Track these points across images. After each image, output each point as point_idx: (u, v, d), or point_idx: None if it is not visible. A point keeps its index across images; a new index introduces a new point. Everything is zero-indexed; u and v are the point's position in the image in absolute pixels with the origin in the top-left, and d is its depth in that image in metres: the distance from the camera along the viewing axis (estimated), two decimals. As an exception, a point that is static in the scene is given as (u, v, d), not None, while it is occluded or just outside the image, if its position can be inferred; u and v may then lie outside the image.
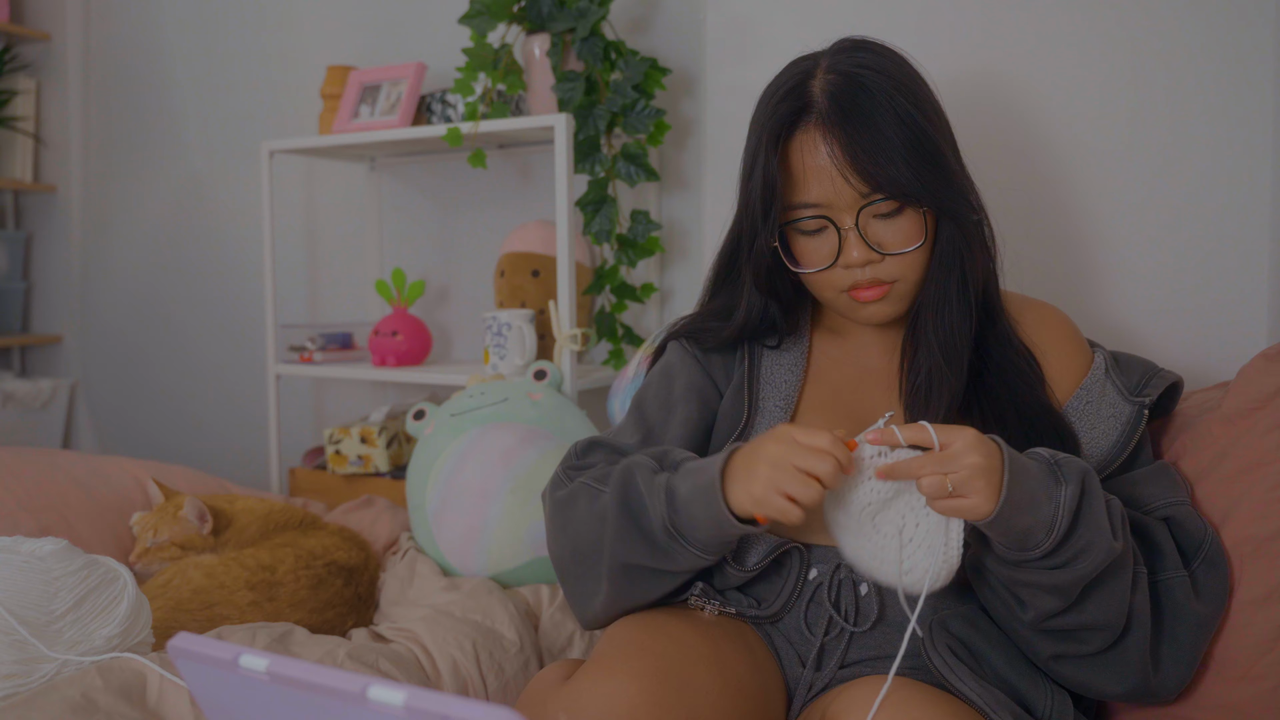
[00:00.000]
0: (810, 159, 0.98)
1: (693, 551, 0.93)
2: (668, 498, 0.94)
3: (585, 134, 1.82)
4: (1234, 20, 1.37)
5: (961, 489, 0.83)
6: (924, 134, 0.97)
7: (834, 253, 1.00)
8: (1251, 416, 1.05)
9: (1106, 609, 0.91)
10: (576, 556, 1.04)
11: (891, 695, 0.85)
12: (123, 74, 2.82)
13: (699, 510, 0.91)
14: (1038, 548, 0.86)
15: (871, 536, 0.90)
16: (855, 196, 0.97)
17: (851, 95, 0.96)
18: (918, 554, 0.88)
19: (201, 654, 0.56)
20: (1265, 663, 0.96)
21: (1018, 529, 0.86)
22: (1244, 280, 1.38)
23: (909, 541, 0.88)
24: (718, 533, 0.91)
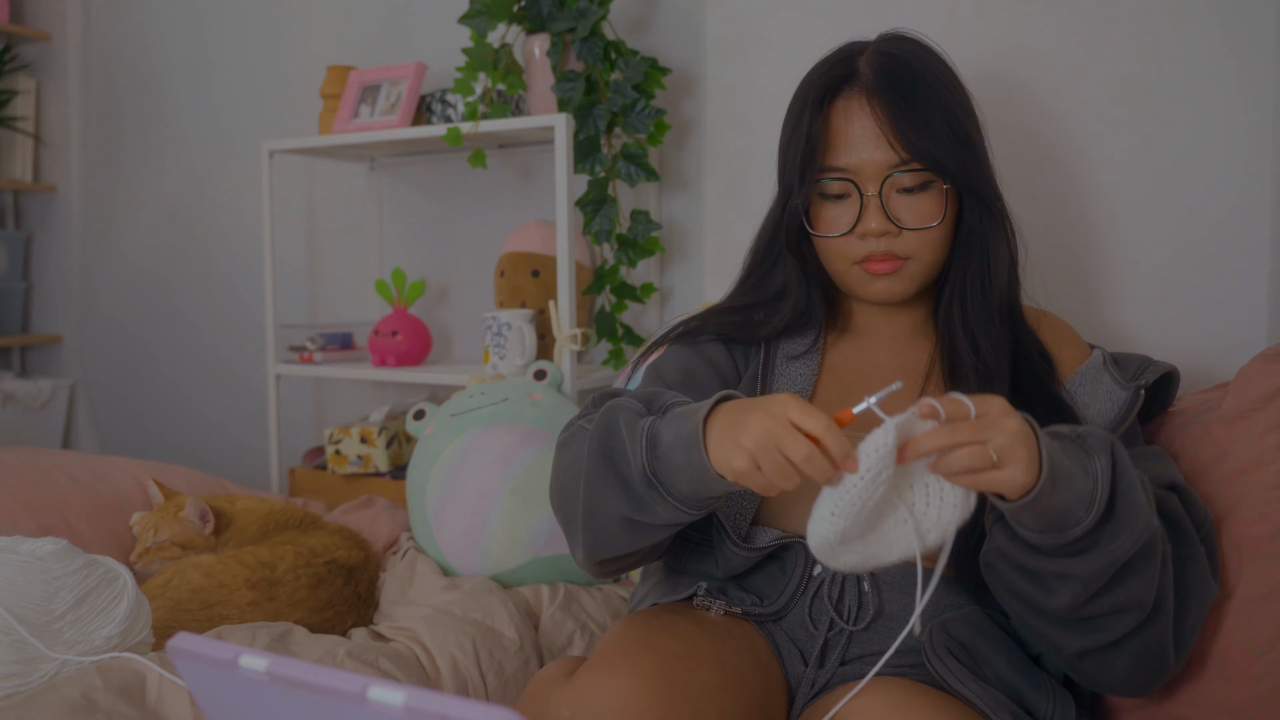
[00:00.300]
0: (850, 122, 1.02)
1: (671, 503, 0.88)
2: (649, 444, 0.88)
3: (585, 134, 1.82)
4: (1234, 22, 1.37)
5: (1005, 458, 0.77)
6: (960, 118, 1.02)
7: (853, 220, 1.02)
8: (1251, 417, 1.05)
9: (1138, 589, 0.86)
10: (561, 498, 1.01)
11: (893, 696, 0.85)
12: (123, 74, 2.82)
13: (679, 459, 0.86)
14: (1077, 525, 0.81)
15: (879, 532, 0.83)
16: (884, 165, 1.01)
17: (897, 71, 1.02)
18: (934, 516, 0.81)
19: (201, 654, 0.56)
20: (1265, 663, 0.96)
21: (1056, 507, 0.81)
22: (1244, 280, 1.38)
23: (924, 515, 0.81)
24: (698, 485, 0.86)
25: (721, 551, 1.04)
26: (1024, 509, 0.80)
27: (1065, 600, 0.86)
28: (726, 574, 1.05)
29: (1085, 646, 0.89)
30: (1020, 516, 0.82)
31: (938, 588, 1.00)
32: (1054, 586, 0.86)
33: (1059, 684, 0.96)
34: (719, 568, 1.05)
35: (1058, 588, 0.86)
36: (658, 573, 1.12)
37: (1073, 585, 0.85)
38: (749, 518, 1.04)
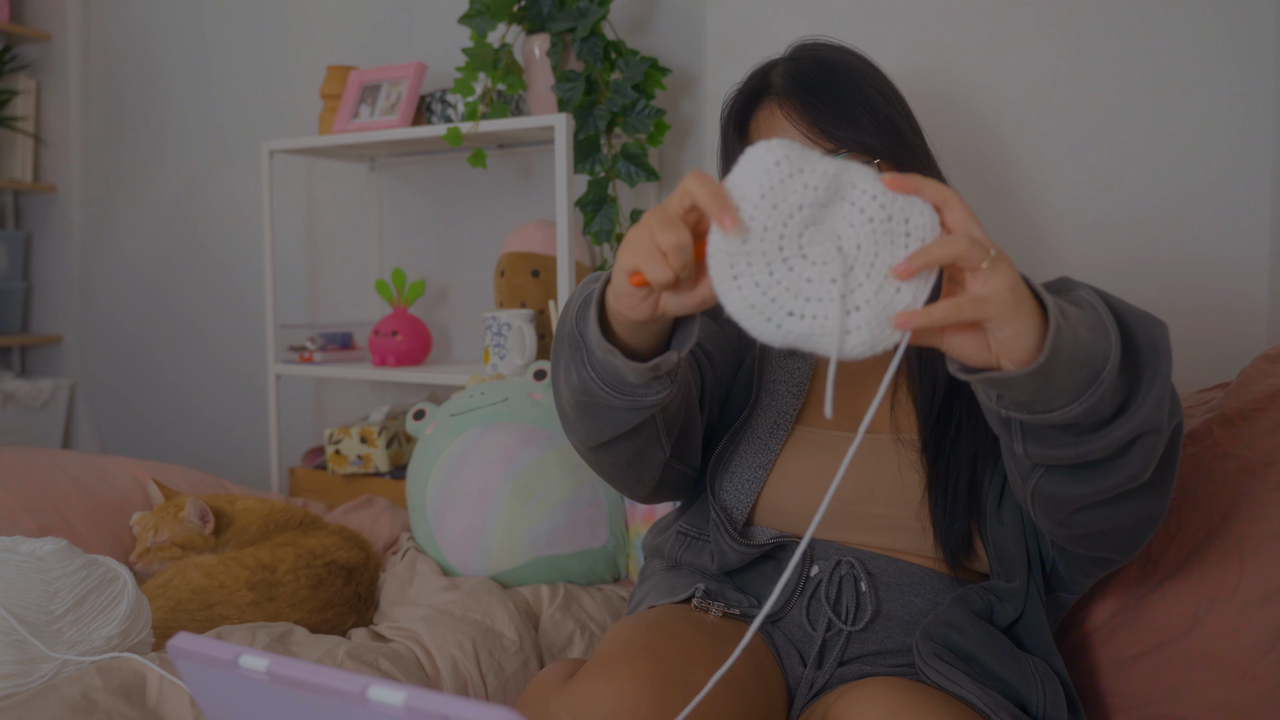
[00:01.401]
0: (771, 131, 1.04)
1: (590, 375, 0.82)
2: (582, 305, 0.82)
3: (585, 134, 1.82)
4: (1236, 19, 1.37)
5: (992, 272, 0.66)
6: (877, 103, 1.02)
7: None
8: (1253, 417, 1.05)
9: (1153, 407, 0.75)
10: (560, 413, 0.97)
11: (893, 696, 0.85)
12: (123, 74, 2.82)
13: (592, 334, 0.80)
14: (1106, 360, 0.70)
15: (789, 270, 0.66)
16: None
17: (806, 71, 1.03)
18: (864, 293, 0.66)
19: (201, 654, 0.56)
20: (1265, 663, 0.96)
21: (1079, 354, 0.69)
22: (1244, 281, 1.38)
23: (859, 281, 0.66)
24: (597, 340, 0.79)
25: (718, 545, 1.04)
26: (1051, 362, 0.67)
27: (1137, 466, 0.75)
28: (722, 569, 1.04)
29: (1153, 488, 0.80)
30: (1045, 386, 0.69)
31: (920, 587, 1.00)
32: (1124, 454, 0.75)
33: (1047, 669, 0.96)
34: (715, 562, 1.05)
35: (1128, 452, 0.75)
36: (656, 574, 1.12)
37: (1147, 441, 0.74)
38: (746, 510, 1.05)
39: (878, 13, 1.59)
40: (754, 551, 1.02)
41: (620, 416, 0.86)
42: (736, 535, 1.03)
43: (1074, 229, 1.48)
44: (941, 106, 1.55)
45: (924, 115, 1.11)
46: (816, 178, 0.66)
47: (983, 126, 1.53)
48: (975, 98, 1.53)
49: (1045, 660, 0.98)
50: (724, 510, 1.05)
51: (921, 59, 1.56)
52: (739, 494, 1.05)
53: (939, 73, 1.55)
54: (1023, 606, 0.98)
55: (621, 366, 0.79)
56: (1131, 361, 0.74)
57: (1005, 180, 1.52)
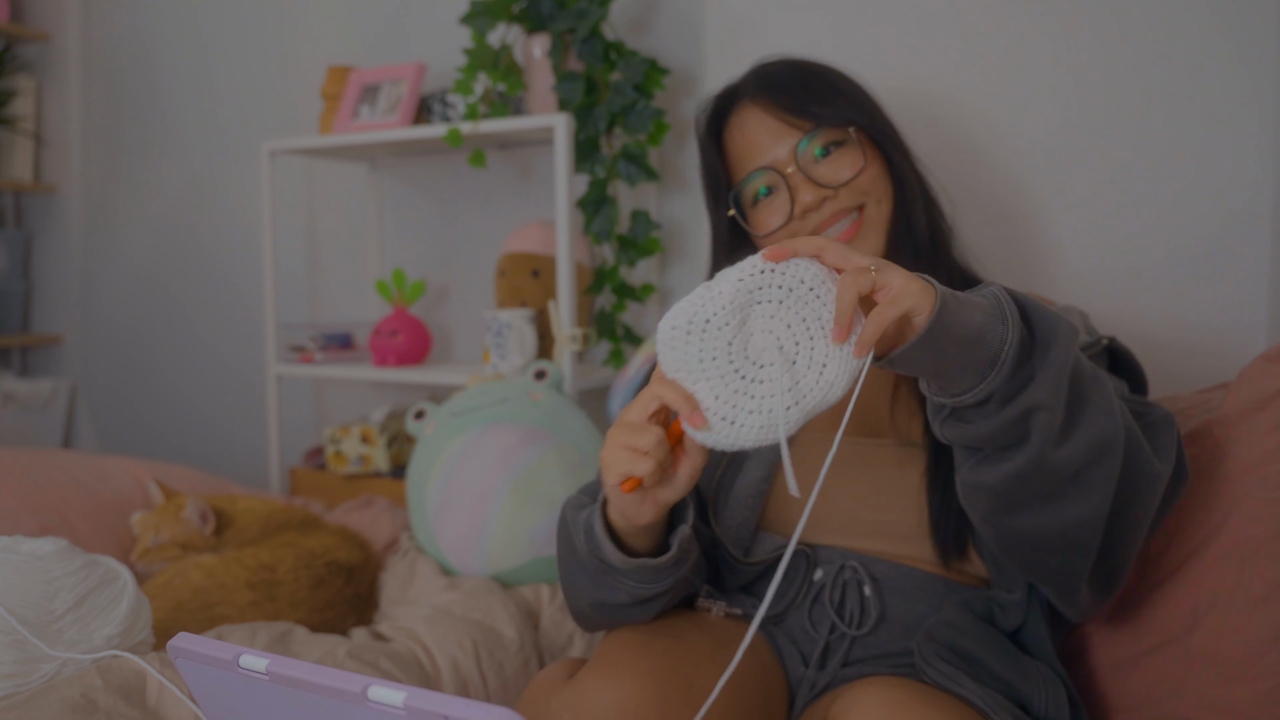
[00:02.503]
0: (745, 131, 1.08)
1: (625, 582, 0.90)
2: (586, 532, 0.91)
3: (585, 134, 1.82)
4: (1236, 18, 1.37)
5: (882, 273, 0.72)
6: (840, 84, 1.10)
7: (788, 207, 1.06)
8: (1252, 417, 1.05)
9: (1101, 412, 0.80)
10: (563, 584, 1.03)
11: (893, 695, 0.85)
12: (123, 74, 2.82)
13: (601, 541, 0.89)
14: (1003, 344, 0.75)
15: (757, 380, 0.75)
16: (791, 144, 1.05)
17: (770, 72, 1.09)
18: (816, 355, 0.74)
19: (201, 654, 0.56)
20: (1265, 663, 0.96)
21: (970, 327, 0.74)
22: (1244, 280, 1.38)
23: (801, 353, 0.74)
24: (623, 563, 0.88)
25: (727, 565, 1.05)
26: (935, 333, 0.72)
27: (1037, 445, 0.78)
28: (733, 587, 1.05)
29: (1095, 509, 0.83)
30: (941, 357, 0.75)
31: (924, 592, 1.00)
32: (1023, 432, 0.79)
33: (1048, 670, 0.96)
34: (726, 581, 1.06)
35: (1027, 429, 0.78)
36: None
37: (1038, 418, 0.77)
38: (751, 529, 1.05)
39: (877, 13, 1.59)
40: (760, 568, 1.03)
41: (663, 599, 0.94)
42: (741, 557, 1.03)
43: (1074, 228, 1.48)
44: (938, 106, 1.55)
45: (920, 109, 1.11)
46: (721, 313, 0.74)
47: (978, 127, 1.53)
48: (976, 94, 1.53)
49: (1048, 664, 0.98)
50: (727, 533, 1.06)
51: (919, 59, 1.56)
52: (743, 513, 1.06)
53: (934, 76, 1.55)
54: (1024, 617, 0.99)
55: (653, 565, 0.88)
56: (1032, 348, 0.78)
57: (1004, 179, 1.52)
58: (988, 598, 1.00)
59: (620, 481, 0.80)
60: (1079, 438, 0.80)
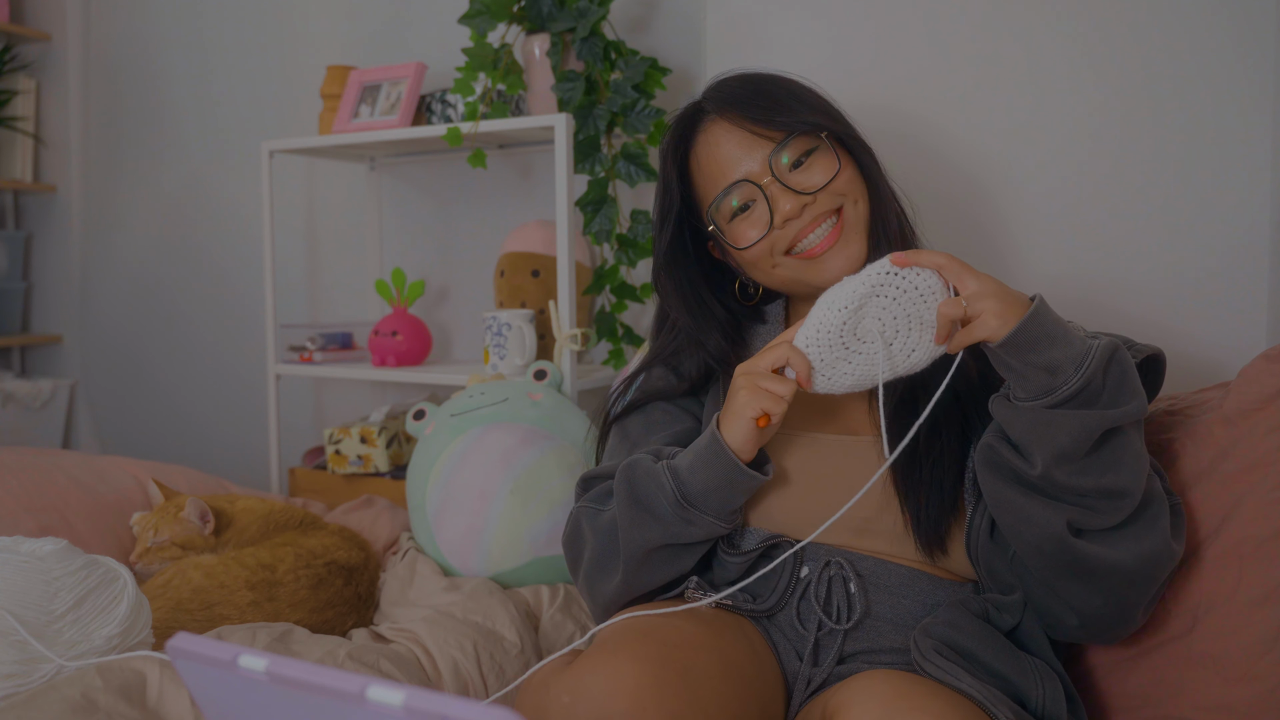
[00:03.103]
0: (715, 149, 1.09)
1: (707, 518, 0.98)
2: (672, 474, 0.99)
3: (585, 134, 1.82)
4: (1235, 21, 1.37)
5: (975, 307, 0.88)
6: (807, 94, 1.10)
7: (767, 221, 1.06)
8: (1252, 417, 1.05)
9: (1126, 475, 0.90)
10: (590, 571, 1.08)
11: (891, 687, 0.85)
12: (123, 74, 2.82)
13: (704, 472, 0.97)
14: (1066, 385, 0.87)
15: (859, 352, 0.94)
16: (764, 155, 1.06)
17: (731, 84, 1.10)
18: (910, 350, 0.93)
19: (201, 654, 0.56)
20: (1265, 663, 0.96)
21: (1045, 361, 0.87)
22: (1244, 280, 1.38)
23: (896, 340, 0.93)
24: (728, 486, 0.97)
25: (717, 559, 1.06)
26: (1007, 349, 0.87)
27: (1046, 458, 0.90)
28: (723, 581, 1.06)
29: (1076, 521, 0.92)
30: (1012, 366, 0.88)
31: (920, 591, 1.01)
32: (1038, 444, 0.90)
33: (1046, 667, 0.96)
34: (715, 575, 1.07)
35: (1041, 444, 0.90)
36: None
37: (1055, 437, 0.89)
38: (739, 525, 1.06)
39: (877, 13, 1.59)
40: (748, 559, 1.04)
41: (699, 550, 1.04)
42: (730, 548, 1.05)
43: (1074, 228, 1.48)
44: (938, 108, 1.55)
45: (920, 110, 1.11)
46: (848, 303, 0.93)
47: (978, 128, 1.53)
48: (978, 93, 1.53)
49: (1045, 661, 0.98)
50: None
51: (919, 61, 1.56)
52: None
53: (933, 77, 1.55)
54: (1020, 617, 0.99)
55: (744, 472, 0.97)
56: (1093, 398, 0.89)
57: (1002, 178, 1.52)
58: (983, 600, 1.00)
59: (759, 416, 0.94)
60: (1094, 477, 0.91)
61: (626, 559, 1.03)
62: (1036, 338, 0.87)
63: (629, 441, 1.14)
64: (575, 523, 1.11)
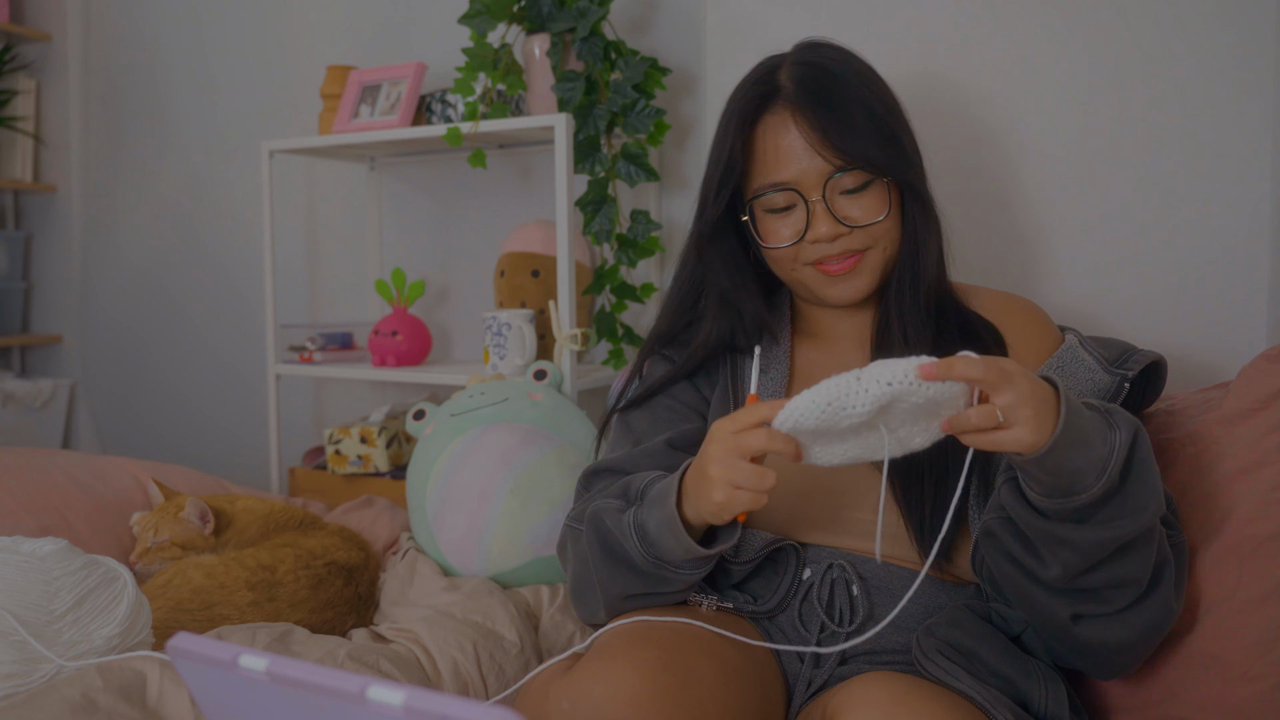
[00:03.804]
0: (779, 138, 1.04)
1: (681, 574, 0.96)
2: (639, 535, 0.96)
3: (585, 134, 1.82)
4: (1235, 21, 1.37)
5: (1010, 418, 0.80)
6: (883, 116, 1.03)
7: (801, 229, 1.04)
8: (1252, 417, 1.05)
9: (1134, 567, 0.88)
10: (574, 589, 1.09)
11: (892, 689, 0.85)
12: (123, 74, 2.82)
13: (670, 543, 0.94)
14: (1085, 491, 0.83)
15: (858, 436, 0.86)
16: (822, 172, 1.02)
17: (817, 79, 1.03)
18: (914, 436, 0.86)
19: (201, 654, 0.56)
20: (1265, 663, 0.96)
21: (1068, 468, 0.82)
22: (1244, 280, 1.38)
23: (901, 429, 0.85)
24: (693, 559, 0.94)
25: (720, 565, 1.05)
26: (1035, 463, 0.81)
27: (1058, 571, 0.87)
28: (725, 586, 1.06)
29: (1081, 612, 0.91)
30: (1031, 471, 0.83)
31: (923, 593, 1.01)
32: (1051, 554, 0.87)
33: (1048, 667, 0.96)
34: (717, 581, 1.07)
35: (1054, 555, 0.87)
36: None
37: (1069, 555, 0.86)
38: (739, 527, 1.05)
39: (877, 12, 1.59)
40: (750, 566, 1.04)
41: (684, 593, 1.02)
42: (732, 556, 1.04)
43: (1073, 226, 1.48)
44: (938, 110, 1.55)
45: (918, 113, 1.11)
46: (860, 414, 0.82)
47: (979, 128, 1.53)
48: (972, 100, 1.53)
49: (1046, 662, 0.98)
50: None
51: (918, 57, 1.56)
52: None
53: (934, 72, 1.55)
54: (1025, 625, 0.99)
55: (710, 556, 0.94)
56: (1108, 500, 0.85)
57: (999, 177, 1.52)
58: (987, 605, 1.00)
59: (739, 513, 0.89)
60: (1103, 575, 0.88)
61: (607, 602, 1.03)
62: (1064, 447, 0.81)
63: (632, 435, 1.14)
64: (563, 538, 1.11)
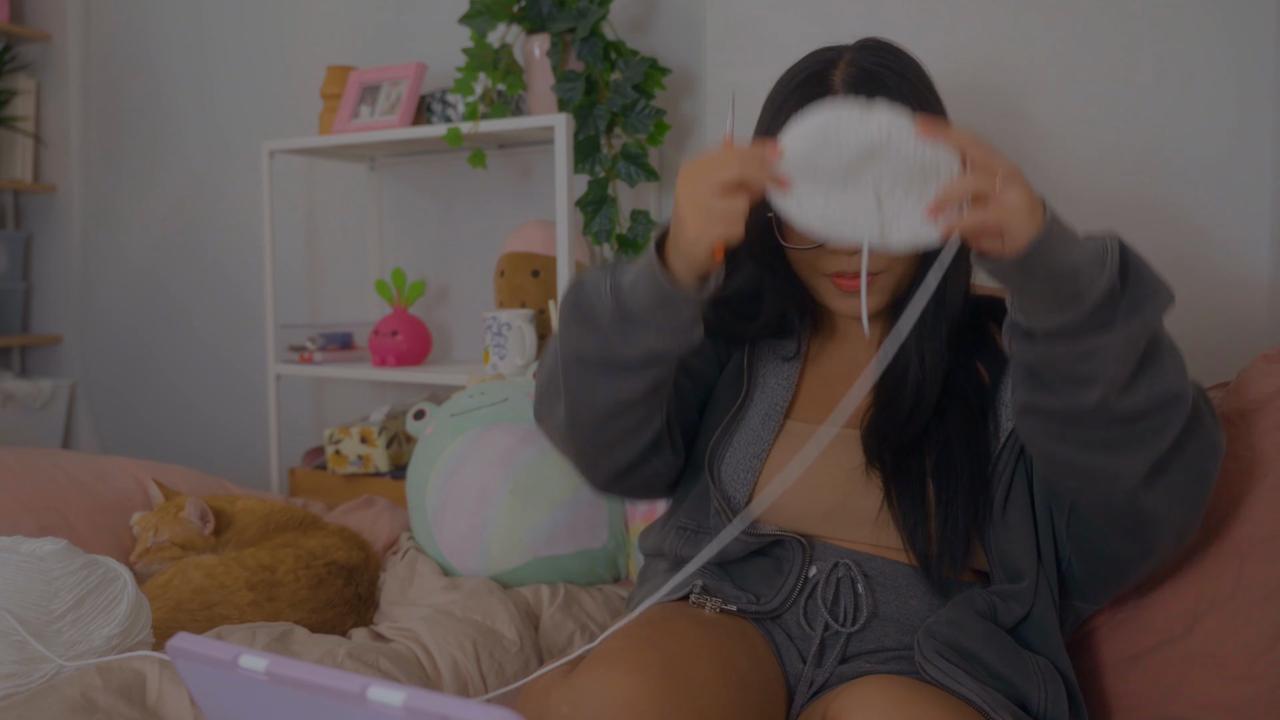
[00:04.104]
0: None
1: (642, 328, 0.92)
2: (613, 289, 0.94)
3: (585, 134, 1.82)
4: (1235, 16, 1.37)
5: (1001, 198, 0.77)
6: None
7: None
8: (1252, 417, 1.05)
9: (1170, 373, 0.85)
10: (542, 393, 1.07)
11: (892, 693, 0.85)
12: (123, 74, 2.82)
13: (640, 287, 0.91)
14: (1092, 286, 0.79)
15: (843, 191, 0.82)
16: None
17: (870, 89, 0.99)
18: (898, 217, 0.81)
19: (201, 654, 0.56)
20: (1265, 663, 0.96)
21: (1068, 266, 0.79)
22: (1244, 280, 1.38)
23: (887, 199, 0.81)
24: (663, 301, 0.90)
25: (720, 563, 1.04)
26: (1030, 264, 0.78)
27: (1099, 393, 0.83)
28: (723, 558, 1.05)
29: (1148, 459, 0.87)
30: (1032, 287, 0.80)
31: (926, 590, 1.00)
32: (1087, 375, 0.83)
33: (1050, 668, 0.96)
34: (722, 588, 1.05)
35: (1091, 375, 0.83)
36: (657, 575, 1.12)
37: (1104, 366, 0.82)
38: (744, 498, 1.05)
39: (877, 13, 1.59)
40: (756, 542, 1.02)
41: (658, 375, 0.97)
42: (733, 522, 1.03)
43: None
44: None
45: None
46: (852, 148, 0.80)
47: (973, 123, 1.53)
48: (969, 93, 1.53)
49: (1051, 659, 0.98)
50: (725, 499, 1.05)
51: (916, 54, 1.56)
52: (737, 482, 1.06)
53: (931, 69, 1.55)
54: (1030, 605, 0.98)
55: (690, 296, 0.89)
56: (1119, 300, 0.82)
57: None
58: (989, 594, 0.99)
59: (715, 246, 0.85)
60: (1146, 389, 0.84)
61: (564, 367, 0.99)
62: (1056, 240, 0.78)
63: None
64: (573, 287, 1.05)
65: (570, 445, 1.07)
